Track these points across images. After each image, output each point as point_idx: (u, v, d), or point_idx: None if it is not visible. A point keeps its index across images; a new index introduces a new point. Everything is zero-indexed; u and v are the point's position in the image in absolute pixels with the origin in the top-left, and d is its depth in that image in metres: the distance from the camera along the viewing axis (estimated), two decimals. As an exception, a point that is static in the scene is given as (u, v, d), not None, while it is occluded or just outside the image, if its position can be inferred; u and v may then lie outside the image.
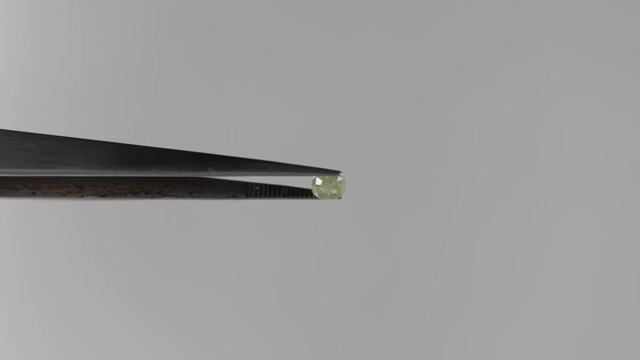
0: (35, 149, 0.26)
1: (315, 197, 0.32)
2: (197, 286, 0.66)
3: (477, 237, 0.66)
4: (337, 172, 0.31)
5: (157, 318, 0.67)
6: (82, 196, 0.29)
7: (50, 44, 0.66)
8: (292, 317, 0.67)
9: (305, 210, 0.66)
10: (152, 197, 0.31)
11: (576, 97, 0.66)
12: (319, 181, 0.31)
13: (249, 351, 0.66)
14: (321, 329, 0.67)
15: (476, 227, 0.66)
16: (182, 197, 0.31)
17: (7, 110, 0.66)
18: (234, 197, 0.32)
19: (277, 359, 0.66)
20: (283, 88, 0.66)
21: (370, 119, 0.66)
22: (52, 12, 0.66)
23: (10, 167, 0.26)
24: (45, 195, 0.29)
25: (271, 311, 0.66)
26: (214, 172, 0.28)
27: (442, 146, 0.66)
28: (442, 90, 0.66)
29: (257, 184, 0.32)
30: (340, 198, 0.32)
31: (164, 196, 0.31)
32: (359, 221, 0.67)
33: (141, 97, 0.66)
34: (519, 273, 0.66)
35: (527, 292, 0.66)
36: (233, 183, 0.32)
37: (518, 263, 0.66)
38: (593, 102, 0.66)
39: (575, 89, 0.66)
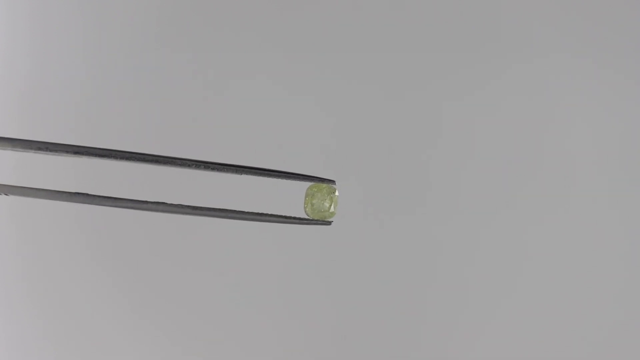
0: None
1: (307, 218, 0.33)
2: (198, 287, 0.66)
3: (478, 240, 0.66)
4: (331, 181, 0.31)
5: (158, 318, 0.67)
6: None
7: (50, 45, 0.67)
8: (292, 319, 0.67)
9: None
10: (149, 208, 0.32)
11: (578, 95, 0.65)
12: (314, 193, 0.31)
13: (251, 353, 0.66)
14: (320, 331, 0.66)
15: (477, 230, 0.65)
16: (179, 211, 0.32)
17: (7, 111, 0.66)
18: (227, 215, 0.33)
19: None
20: (281, 91, 0.67)
21: (365, 122, 0.66)
22: (53, 14, 0.67)
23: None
24: None
25: (273, 315, 0.66)
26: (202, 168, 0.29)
27: (439, 148, 0.66)
28: (438, 90, 0.66)
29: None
30: (330, 223, 0.33)
31: (161, 207, 0.32)
32: (356, 224, 0.66)
33: (142, 100, 0.66)
34: (520, 279, 0.65)
35: (528, 302, 0.65)
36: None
37: (520, 269, 0.65)
38: (595, 101, 0.65)
39: (577, 87, 0.66)
